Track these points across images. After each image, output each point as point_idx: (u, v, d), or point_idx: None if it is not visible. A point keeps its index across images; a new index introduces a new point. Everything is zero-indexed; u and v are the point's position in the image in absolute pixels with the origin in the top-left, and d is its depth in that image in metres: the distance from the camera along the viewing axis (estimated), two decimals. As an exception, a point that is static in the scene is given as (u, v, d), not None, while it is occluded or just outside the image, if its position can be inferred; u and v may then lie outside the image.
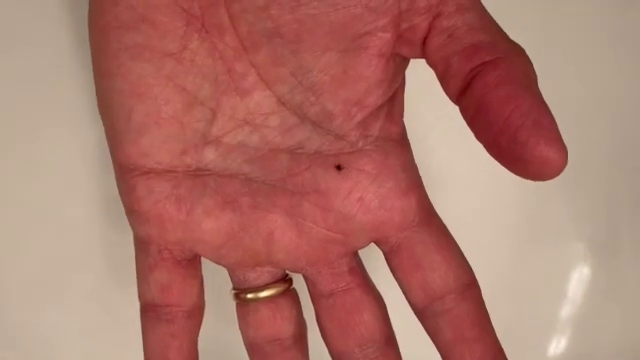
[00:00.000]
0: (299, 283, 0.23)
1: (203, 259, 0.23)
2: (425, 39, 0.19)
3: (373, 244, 0.22)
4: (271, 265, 0.22)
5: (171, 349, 0.22)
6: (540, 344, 0.31)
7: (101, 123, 0.21)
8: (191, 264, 0.22)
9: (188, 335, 0.22)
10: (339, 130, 0.20)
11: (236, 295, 0.23)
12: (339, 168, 0.21)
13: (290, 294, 0.23)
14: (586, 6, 0.30)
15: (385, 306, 0.23)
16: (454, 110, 0.19)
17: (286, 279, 0.23)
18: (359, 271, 0.22)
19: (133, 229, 0.22)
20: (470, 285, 0.21)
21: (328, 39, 0.19)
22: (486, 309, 0.21)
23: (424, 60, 0.19)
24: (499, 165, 0.17)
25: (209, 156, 0.21)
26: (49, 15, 0.27)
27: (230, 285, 0.23)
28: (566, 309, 0.31)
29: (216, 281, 0.24)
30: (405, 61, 0.20)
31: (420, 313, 0.21)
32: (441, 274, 0.21)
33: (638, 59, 0.30)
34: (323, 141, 0.21)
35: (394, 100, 0.21)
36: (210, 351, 0.27)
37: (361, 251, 0.22)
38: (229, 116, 0.21)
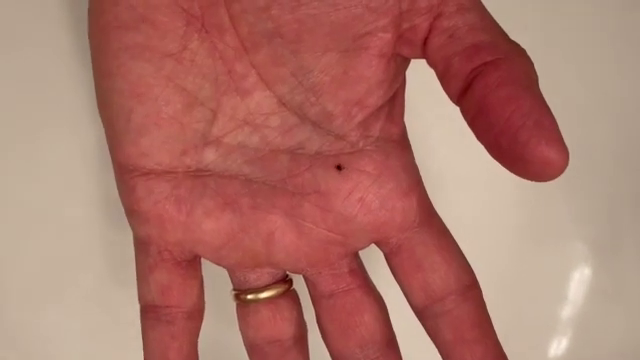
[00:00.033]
0: (299, 284, 0.23)
1: (203, 260, 0.23)
2: (426, 39, 0.19)
3: (373, 245, 0.22)
4: (271, 266, 0.22)
5: (171, 350, 0.22)
6: (541, 345, 0.31)
7: (101, 123, 0.21)
8: (191, 265, 0.22)
9: (188, 336, 0.22)
10: (339, 130, 0.20)
11: (236, 296, 0.23)
12: (339, 168, 0.21)
13: (290, 295, 0.23)
14: (586, 6, 0.29)
15: (386, 307, 0.22)
16: (455, 110, 0.18)
17: (286, 280, 0.23)
18: (359, 272, 0.22)
19: (133, 230, 0.22)
20: (471, 286, 0.21)
21: (328, 39, 0.19)
22: (487, 310, 0.21)
23: (424, 60, 0.19)
24: (500, 166, 0.17)
25: (209, 157, 0.21)
26: (49, 15, 0.27)
27: (230, 286, 0.23)
28: (567, 310, 0.31)
29: (216, 282, 0.24)
30: (406, 61, 0.20)
31: (420, 314, 0.21)
32: (442, 275, 0.21)
33: (639, 59, 0.30)
34: (323, 142, 0.21)
35: (395, 100, 0.21)
36: (210, 352, 0.27)
37: (361, 252, 0.22)
38: (229, 116, 0.21)
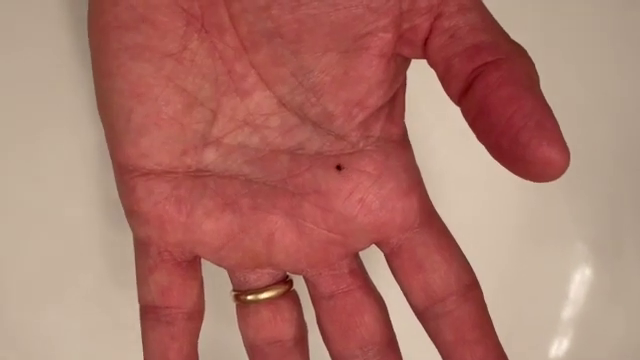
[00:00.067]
0: (300, 285, 0.23)
1: (203, 260, 0.22)
2: (426, 39, 0.18)
3: (374, 245, 0.22)
4: (271, 267, 0.22)
5: (171, 351, 0.22)
6: (542, 346, 0.31)
7: (101, 123, 0.21)
8: (191, 265, 0.22)
9: (188, 337, 0.22)
10: (340, 131, 0.20)
11: (236, 297, 0.23)
12: (340, 168, 0.21)
13: (290, 296, 0.23)
14: (586, 6, 0.29)
15: (386, 308, 0.22)
16: (455, 111, 0.18)
17: (286, 281, 0.23)
18: (360, 273, 0.22)
19: (133, 230, 0.22)
20: (471, 287, 0.21)
21: (329, 39, 0.19)
22: (487, 311, 0.21)
23: (425, 60, 0.19)
24: (500, 166, 0.17)
25: (209, 157, 0.21)
26: (49, 15, 0.27)
27: (230, 286, 0.23)
28: (568, 311, 0.31)
29: (216, 282, 0.23)
30: (406, 62, 0.20)
31: (421, 315, 0.21)
32: (442, 275, 0.21)
33: (639, 59, 0.30)
34: (324, 142, 0.21)
35: (395, 101, 0.21)
36: (210, 353, 0.27)
37: (362, 252, 0.22)
38: (229, 117, 0.21)
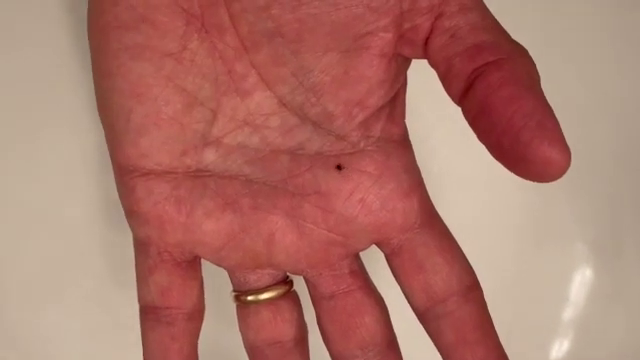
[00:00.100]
0: (300, 285, 0.23)
1: (203, 261, 0.22)
2: (427, 39, 0.18)
3: (374, 245, 0.22)
4: (272, 267, 0.22)
5: (171, 351, 0.22)
6: (542, 347, 0.31)
7: (101, 124, 0.21)
8: (191, 266, 0.22)
9: (188, 337, 0.22)
10: (340, 131, 0.20)
11: (236, 297, 0.23)
12: (340, 169, 0.21)
13: (291, 296, 0.23)
14: (586, 6, 0.29)
15: (386, 308, 0.22)
16: (456, 111, 0.18)
17: (287, 281, 0.23)
18: (360, 273, 0.22)
19: (132, 231, 0.22)
20: (472, 287, 0.21)
21: (329, 39, 0.19)
22: (488, 312, 0.21)
23: (426, 60, 0.19)
24: (501, 166, 0.17)
25: (209, 157, 0.21)
26: (49, 15, 0.27)
27: (230, 287, 0.23)
28: (569, 311, 0.30)
29: (216, 283, 0.23)
30: (407, 61, 0.20)
31: (422, 315, 0.21)
32: (443, 276, 0.21)
33: (639, 59, 0.30)
34: (324, 142, 0.21)
35: (396, 101, 0.21)
36: (210, 353, 0.27)
37: (362, 252, 0.22)
38: (229, 117, 0.21)
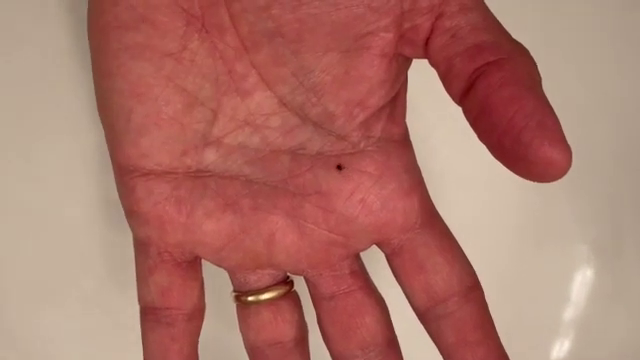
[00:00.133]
0: (300, 285, 0.23)
1: (203, 261, 0.22)
2: (428, 39, 0.18)
3: (374, 246, 0.22)
4: (272, 267, 0.22)
5: (171, 352, 0.22)
6: (543, 347, 0.31)
7: (101, 124, 0.21)
8: (191, 266, 0.22)
9: (188, 338, 0.22)
10: (341, 131, 0.20)
11: (237, 297, 0.23)
12: (340, 169, 0.21)
13: (291, 297, 0.23)
14: (586, 6, 0.29)
15: (387, 309, 0.22)
16: (457, 111, 0.18)
17: (287, 281, 0.23)
18: (361, 273, 0.22)
19: (133, 231, 0.22)
20: (473, 288, 0.21)
21: (330, 39, 0.19)
22: (489, 312, 0.21)
23: (426, 60, 0.19)
24: (502, 166, 0.17)
25: (210, 157, 0.21)
26: (49, 15, 0.27)
27: (230, 287, 0.23)
28: (569, 312, 0.30)
29: (216, 283, 0.23)
30: (407, 61, 0.20)
31: (422, 316, 0.21)
32: (444, 276, 0.21)
33: (639, 59, 0.30)
34: (325, 142, 0.21)
35: (396, 101, 0.21)
36: (210, 354, 0.26)
37: (362, 253, 0.22)
38: (230, 117, 0.21)
